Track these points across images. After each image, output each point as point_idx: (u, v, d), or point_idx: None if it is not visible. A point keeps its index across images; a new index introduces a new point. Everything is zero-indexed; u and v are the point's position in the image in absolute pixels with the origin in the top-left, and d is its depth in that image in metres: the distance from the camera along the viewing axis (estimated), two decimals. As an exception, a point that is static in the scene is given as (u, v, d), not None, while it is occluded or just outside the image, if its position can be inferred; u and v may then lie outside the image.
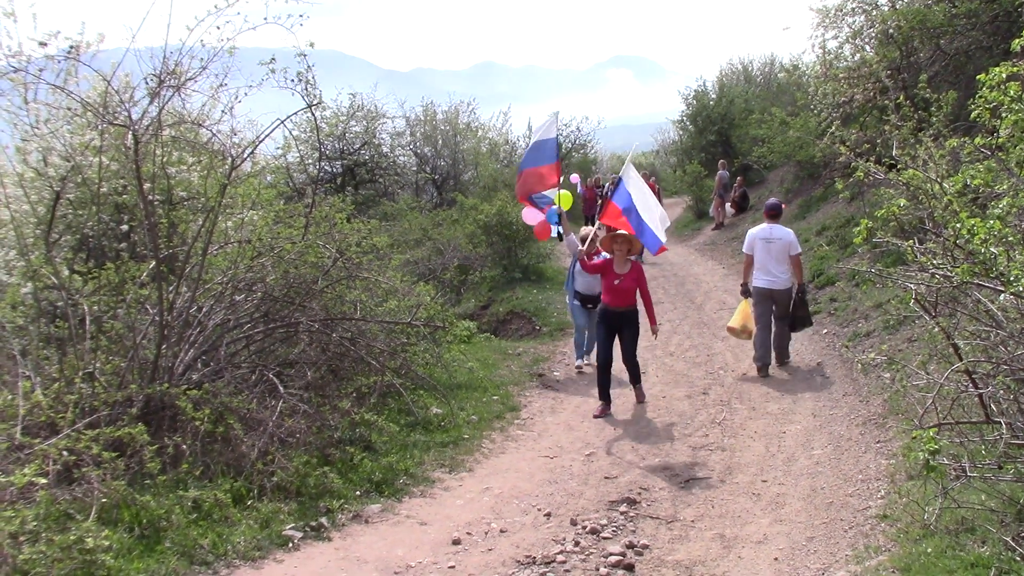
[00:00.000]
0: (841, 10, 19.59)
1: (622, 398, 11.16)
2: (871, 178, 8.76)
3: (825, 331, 13.06)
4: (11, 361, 8.19)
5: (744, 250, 12.02)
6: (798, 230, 19.31)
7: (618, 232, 10.52)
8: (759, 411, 10.26)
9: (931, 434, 5.03)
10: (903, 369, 9.40)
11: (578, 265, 11.76)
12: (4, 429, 6.60)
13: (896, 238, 6.61)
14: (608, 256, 10.83)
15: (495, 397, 11.26)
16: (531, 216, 12.45)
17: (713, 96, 32.65)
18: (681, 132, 34.57)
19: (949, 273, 5.47)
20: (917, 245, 6.03)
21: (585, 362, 12.81)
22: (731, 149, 29.52)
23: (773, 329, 11.70)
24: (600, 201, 24.90)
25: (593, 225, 27.19)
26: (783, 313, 11.58)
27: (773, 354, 11.79)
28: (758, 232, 11.68)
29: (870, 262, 13.65)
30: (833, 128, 18.10)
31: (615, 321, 10.57)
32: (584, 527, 7.38)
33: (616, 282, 10.46)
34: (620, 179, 11.17)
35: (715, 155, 29.59)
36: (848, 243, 15.69)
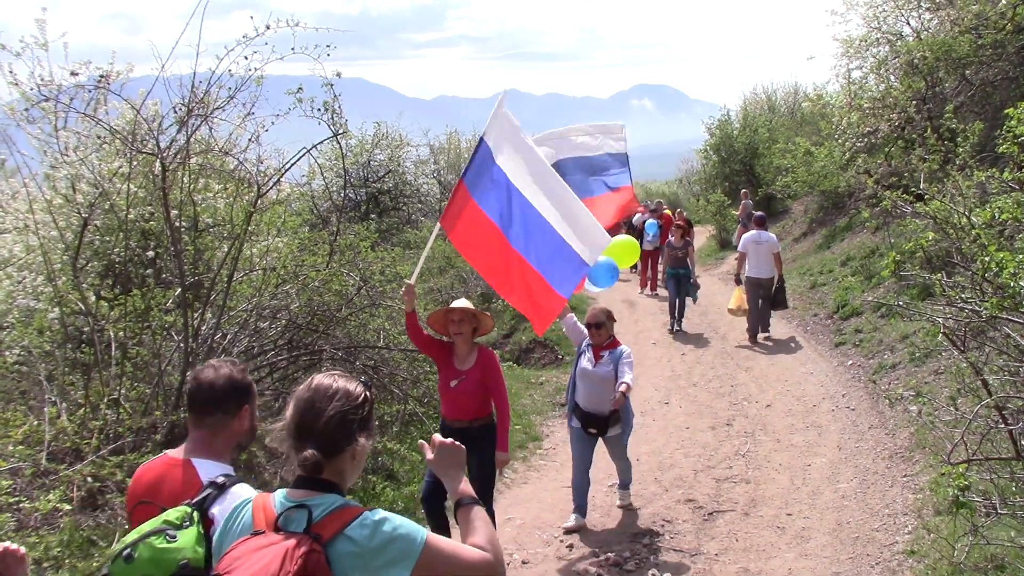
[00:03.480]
0: (865, 40, 19.63)
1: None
2: (898, 210, 8.72)
3: (850, 362, 12.95)
4: (37, 386, 8.25)
5: (739, 249, 15.53)
6: (822, 260, 19.28)
7: (454, 305, 7.01)
8: (784, 443, 10.17)
9: (961, 470, 4.96)
10: (930, 403, 9.31)
11: (582, 361, 8.07)
12: (30, 455, 6.63)
13: (924, 270, 6.56)
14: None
15: (517, 427, 11.21)
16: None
17: (737, 125, 32.64)
18: (704, 161, 34.55)
19: (978, 307, 5.42)
20: (945, 278, 5.98)
21: (574, 523, 8.09)
22: (755, 178, 29.48)
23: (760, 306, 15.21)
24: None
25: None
26: (767, 296, 15.09)
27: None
28: (750, 236, 15.21)
29: (896, 293, 13.56)
30: (860, 160, 18.06)
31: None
32: (607, 559, 7.33)
33: (453, 383, 6.91)
34: (481, 147, 7.01)
35: (739, 184, 29.54)
36: (873, 274, 15.59)
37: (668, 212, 23.43)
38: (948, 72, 17.51)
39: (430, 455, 3.02)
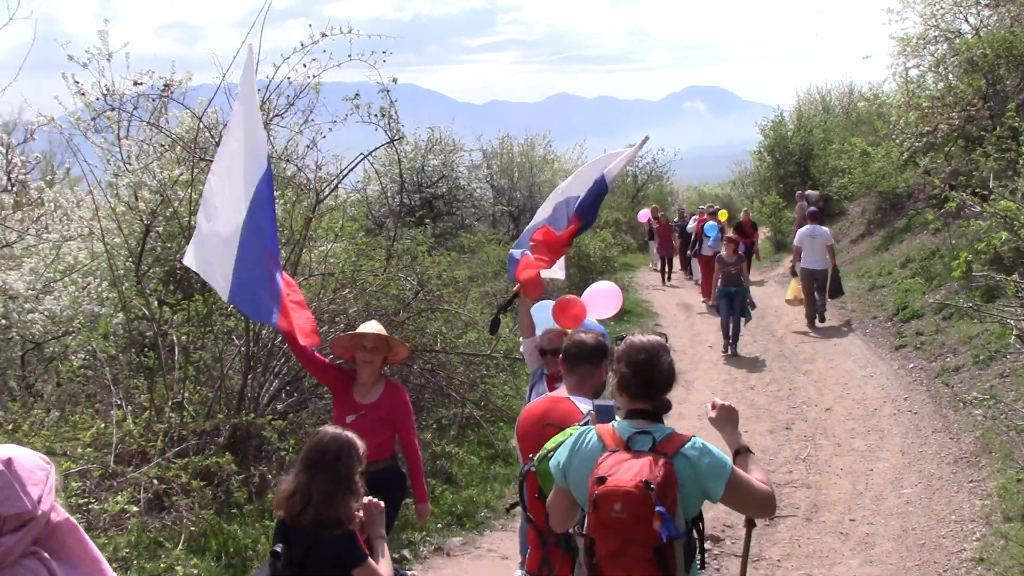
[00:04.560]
0: (923, 38, 19.32)
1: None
2: (966, 210, 8.56)
3: (911, 365, 12.72)
4: (103, 390, 8.41)
5: (795, 243, 16.85)
6: (880, 262, 18.98)
7: (365, 330, 6.02)
8: (844, 447, 10.03)
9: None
10: (996, 406, 9.13)
11: (533, 395, 6.38)
12: (98, 457, 6.75)
13: (993, 271, 6.44)
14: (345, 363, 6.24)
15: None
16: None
17: (791, 126, 32.29)
18: (758, 163, 34.24)
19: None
20: (1020, 280, 5.87)
21: None
22: (810, 180, 29.12)
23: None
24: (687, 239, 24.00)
25: (666, 270, 24.90)
26: (822, 286, 16.26)
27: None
28: (806, 231, 16.48)
29: (961, 295, 13.30)
30: (926, 160, 17.77)
31: None
32: None
33: (350, 418, 5.83)
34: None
35: (793, 186, 29.19)
36: (934, 275, 15.29)
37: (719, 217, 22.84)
38: (1009, 69, 17.18)
39: (712, 414, 3.77)
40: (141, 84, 9.43)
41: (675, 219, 25.66)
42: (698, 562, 3.49)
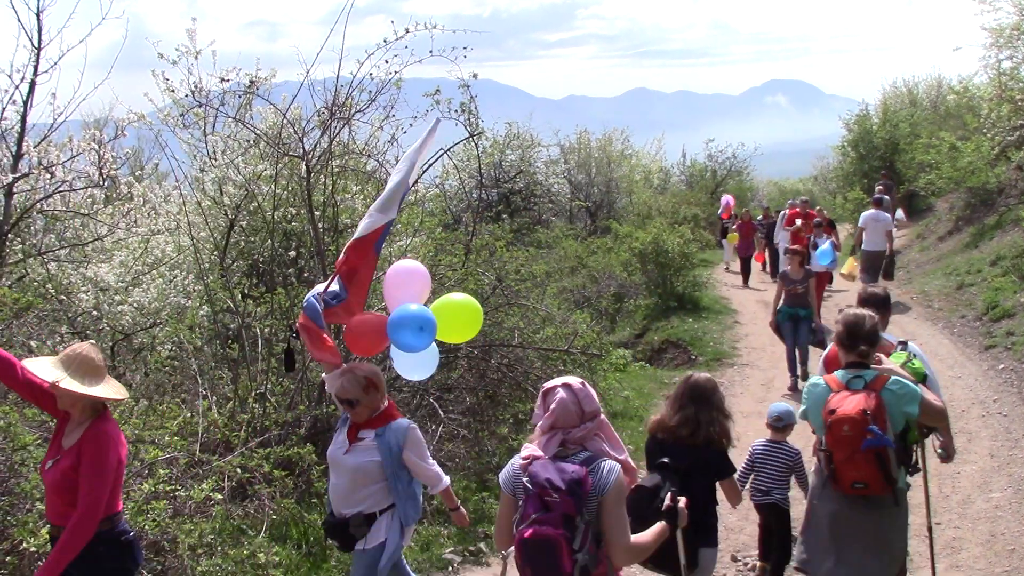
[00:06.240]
0: (1018, 29, 18.72)
1: None
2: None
3: (1002, 366, 12.35)
4: (189, 380, 8.61)
5: (859, 224, 17.34)
6: (969, 260, 18.45)
7: (45, 373, 4.29)
8: (930, 449, 9.76)
9: None
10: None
11: (333, 444, 5.40)
12: (184, 445, 6.91)
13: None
14: None
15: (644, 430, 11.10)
16: None
17: (876, 120, 31.55)
18: (841, 158, 33.54)
19: None
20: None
21: None
22: (896, 175, 28.41)
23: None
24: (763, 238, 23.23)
25: (747, 271, 23.76)
26: (877, 267, 16.71)
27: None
28: (870, 214, 17.07)
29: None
30: (1020, 155, 17.22)
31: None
32: (745, 563, 7.22)
33: (48, 464, 4.43)
34: None
35: (878, 181, 28.52)
36: (1026, 274, 14.81)
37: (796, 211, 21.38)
38: (1108, 61, 16.58)
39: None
40: (228, 81, 9.62)
41: (759, 217, 25.01)
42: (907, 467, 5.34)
